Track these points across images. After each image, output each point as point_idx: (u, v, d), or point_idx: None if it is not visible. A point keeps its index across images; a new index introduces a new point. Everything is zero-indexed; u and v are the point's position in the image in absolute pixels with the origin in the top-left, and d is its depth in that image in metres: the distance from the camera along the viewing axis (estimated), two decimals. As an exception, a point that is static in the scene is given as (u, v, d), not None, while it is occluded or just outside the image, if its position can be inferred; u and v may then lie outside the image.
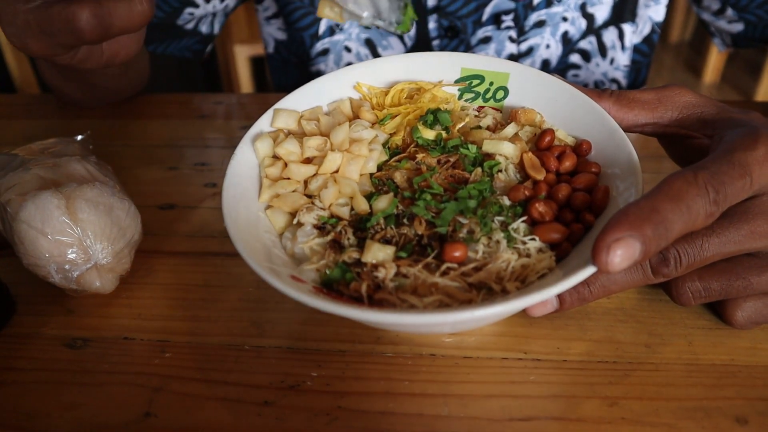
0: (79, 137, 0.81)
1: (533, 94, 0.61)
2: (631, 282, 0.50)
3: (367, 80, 0.64)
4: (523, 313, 0.53)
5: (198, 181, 0.79)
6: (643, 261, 0.43)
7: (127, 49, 0.67)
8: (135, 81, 0.99)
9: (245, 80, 2.54)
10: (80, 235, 0.56)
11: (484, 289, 0.47)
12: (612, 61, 1.04)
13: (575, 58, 1.04)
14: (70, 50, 0.60)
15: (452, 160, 0.56)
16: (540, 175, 0.53)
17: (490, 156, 0.56)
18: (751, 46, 1.03)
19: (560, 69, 1.05)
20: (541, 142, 0.56)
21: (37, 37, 0.56)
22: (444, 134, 0.59)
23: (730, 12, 0.98)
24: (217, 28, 1.07)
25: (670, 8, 3.52)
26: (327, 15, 0.58)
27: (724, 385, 0.51)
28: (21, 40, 0.57)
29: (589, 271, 0.43)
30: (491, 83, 0.62)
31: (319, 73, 1.08)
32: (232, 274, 0.63)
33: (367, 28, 0.53)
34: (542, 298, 0.42)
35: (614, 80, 1.07)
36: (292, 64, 1.12)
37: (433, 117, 0.59)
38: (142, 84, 1.02)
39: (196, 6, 1.00)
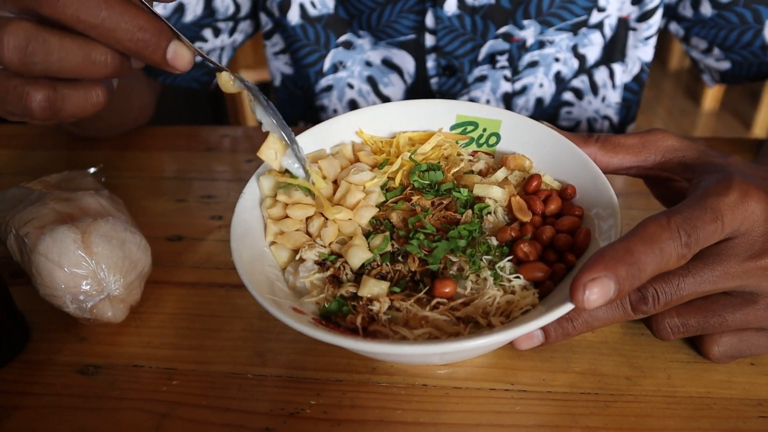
0: (92, 170, 0.85)
1: (523, 140, 0.64)
2: (612, 318, 0.53)
3: (368, 125, 0.68)
4: (511, 345, 0.56)
5: (205, 214, 0.83)
6: (617, 299, 0.46)
7: (82, 112, 0.62)
8: (138, 114, 1.03)
9: (250, 106, 2.58)
10: (94, 268, 0.60)
11: (471, 322, 0.51)
12: (603, 99, 1.08)
13: (568, 96, 1.08)
14: (17, 116, 0.58)
15: (445, 202, 0.60)
16: (526, 218, 0.57)
17: (480, 199, 0.60)
18: (739, 82, 1.06)
19: (554, 106, 1.09)
20: (528, 186, 0.60)
21: None
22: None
23: (717, 51, 1.02)
24: (225, 61, 1.12)
25: (670, 36, 3.57)
26: (267, 157, 0.59)
27: (700, 417, 0.53)
28: None
29: (568, 307, 0.46)
30: (484, 129, 0.66)
31: (323, 108, 1.12)
32: (236, 305, 0.67)
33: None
34: (524, 331, 0.46)
35: (606, 117, 1.11)
36: (298, 98, 1.16)
37: (427, 169, 0.62)
38: (146, 117, 1.06)
39: (205, 41, 1.04)
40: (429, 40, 1.00)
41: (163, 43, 0.50)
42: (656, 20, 1.01)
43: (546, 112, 1.09)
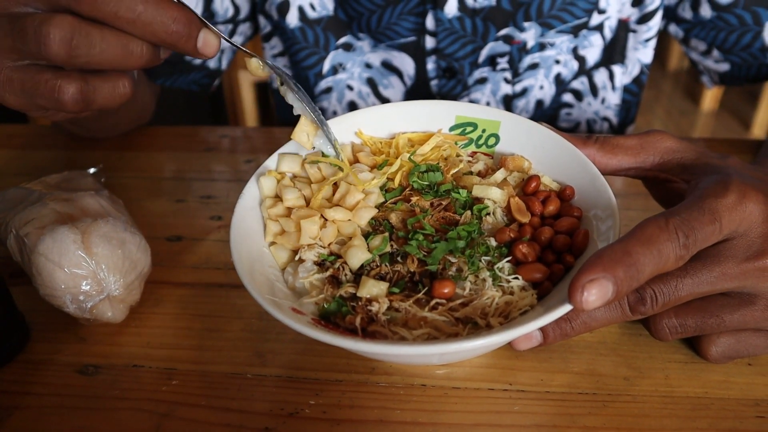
0: (92, 170, 0.85)
1: (522, 141, 0.65)
2: (610, 319, 0.53)
3: (368, 126, 0.68)
4: (510, 346, 0.56)
5: (204, 214, 0.83)
6: (615, 300, 0.46)
7: (111, 103, 0.64)
8: (138, 116, 1.04)
9: (249, 106, 2.58)
10: (94, 268, 0.60)
11: (470, 323, 0.51)
12: (603, 101, 1.09)
13: (568, 97, 1.08)
14: (45, 111, 0.60)
15: (444, 203, 0.60)
16: (525, 219, 0.57)
17: (479, 200, 0.60)
18: (738, 84, 1.07)
19: (554, 108, 1.09)
20: (527, 187, 0.60)
21: (16, 94, 0.57)
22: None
23: (716, 53, 1.03)
24: (224, 64, 1.12)
25: (669, 36, 3.57)
26: (300, 139, 0.63)
27: (698, 417, 0.54)
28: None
29: (566, 308, 0.46)
30: (484, 130, 0.66)
31: (322, 110, 1.12)
32: (236, 305, 0.67)
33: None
34: (522, 332, 0.46)
35: (605, 118, 1.11)
36: (297, 100, 1.16)
37: (426, 170, 0.63)
38: (146, 118, 1.07)
39: (204, 43, 1.04)
40: (429, 42, 1.00)
41: (194, 33, 0.53)
42: (656, 22, 1.01)
43: (546, 114, 1.09)
